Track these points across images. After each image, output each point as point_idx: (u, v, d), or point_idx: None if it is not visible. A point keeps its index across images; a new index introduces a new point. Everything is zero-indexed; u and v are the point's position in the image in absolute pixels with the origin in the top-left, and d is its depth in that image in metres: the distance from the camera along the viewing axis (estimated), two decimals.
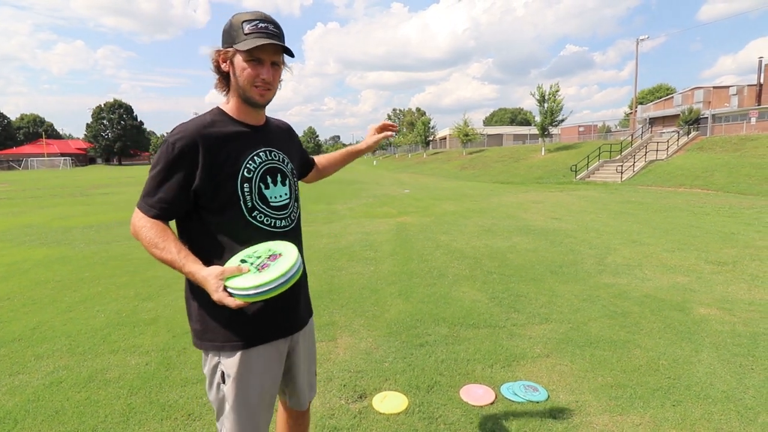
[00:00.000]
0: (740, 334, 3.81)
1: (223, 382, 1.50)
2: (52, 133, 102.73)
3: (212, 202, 1.46)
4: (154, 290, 5.20)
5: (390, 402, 2.81)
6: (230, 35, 1.45)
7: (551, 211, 11.77)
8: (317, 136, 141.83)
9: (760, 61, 35.82)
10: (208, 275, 1.34)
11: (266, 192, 1.53)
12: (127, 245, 7.84)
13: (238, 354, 1.49)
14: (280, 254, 1.39)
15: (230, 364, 1.49)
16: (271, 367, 1.57)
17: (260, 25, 1.43)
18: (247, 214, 1.49)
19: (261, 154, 1.54)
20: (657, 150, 24.51)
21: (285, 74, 1.56)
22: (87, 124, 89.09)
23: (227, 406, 1.51)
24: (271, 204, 1.55)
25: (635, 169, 22.58)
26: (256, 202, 1.51)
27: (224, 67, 1.49)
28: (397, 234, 8.56)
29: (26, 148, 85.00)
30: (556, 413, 2.69)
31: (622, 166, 22.74)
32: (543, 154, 32.13)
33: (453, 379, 3.12)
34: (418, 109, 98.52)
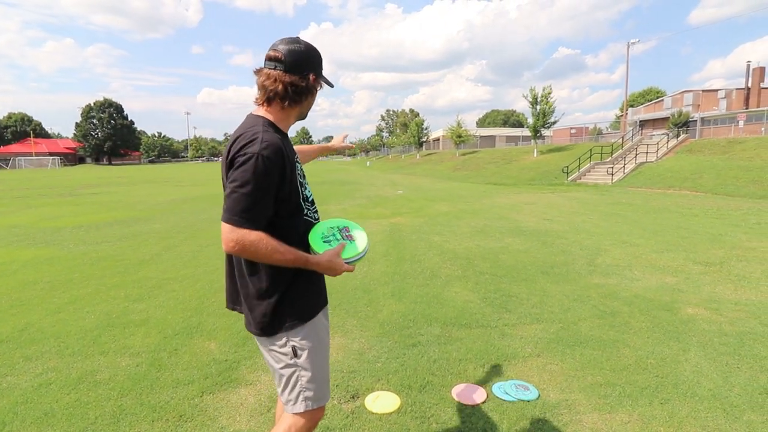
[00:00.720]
0: (727, 333, 3.86)
1: (299, 355, 1.69)
2: (41, 132, 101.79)
3: (288, 206, 1.65)
4: (145, 291, 5.17)
5: (382, 402, 2.83)
6: (320, 65, 1.70)
7: (543, 212, 11.84)
8: (310, 137, 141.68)
9: (748, 65, 36.28)
10: (332, 258, 1.64)
11: (306, 192, 1.77)
12: (117, 245, 7.80)
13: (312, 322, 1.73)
14: (346, 227, 1.80)
15: (308, 332, 1.71)
16: (327, 327, 1.86)
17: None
18: (304, 214, 1.74)
19: (297, 159, 1.76)
20: (647, 152, 24.74)
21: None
22: (76, 123, 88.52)
23: (314, 369, 1.71)
24: (310, 200, 1.81)
25: (626, 171, 22.77)
26: (304, 202, 1.75)
27: (314, 90, 1.72)
28: (390, 235, 8.58)
29: (14, 148, 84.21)
30: (546, 412, 2.72)
31: (612, 168, 22.92)
32: (535, 155, 32.31)
33: (445, 378, 3.14)
34: (412, 110, 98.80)
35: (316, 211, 1.88)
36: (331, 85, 1.76)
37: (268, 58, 1.64)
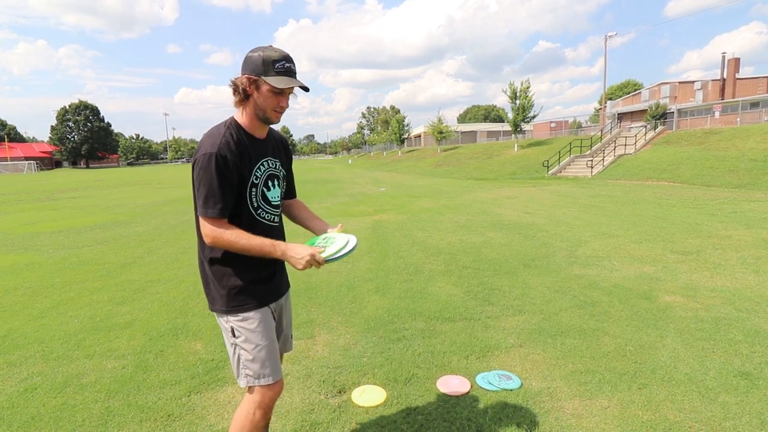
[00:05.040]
0: (702, 319, 3.98)
1: (237, 335, 1.88)
2: (15, 137, 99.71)
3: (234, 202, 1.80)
4: (129, 294, 5.15)
5: (369, 395, 2.87)
6: (260, 67, 1.72)
7: (524, 206, 11.99)
8: (291, 136, 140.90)
9: (723, 57, 37.00)
10: (296, 247, 1.77)
11: (268, 194, 1.91)
12: (98, 249, 7.72)
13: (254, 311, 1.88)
14: (334, 239, 1.88)
15: (245, 319, 1.87)
16: (271, 318, 1.98)
17: (286, 65, 1.73)
18: (253, 212, 1.86)
19: (265, 163, 1.89)
20: (625, 144, 25.14)
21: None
22: (52, 126, 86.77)
23: (251, 349, 1.86)
24: (272, 203, 1.94)
25: (605, 164, 23.12)
26: (260, 202, 1.88)
27: (249, 90, 1.75)
28: (374, 232, 8.62)
29: None
30: (529, 400, 2.79)
31: (592, 160, 23.26)
32: (516, 150, 32.61)
33: (430, 371, 3.19)
34: (393, 107, 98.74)
35: (278, 215, 2.01)
36: (282, 88, 1.74)
37: None
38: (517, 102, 33.32)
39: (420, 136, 66.46)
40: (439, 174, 30.82)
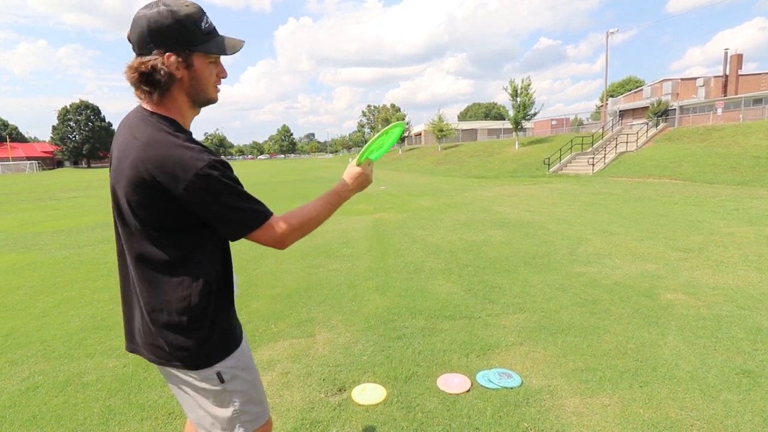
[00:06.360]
0: (704, 317, 3.98)
1: (225, 379, 1.43)
2: (17, 137, 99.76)
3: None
4: None
5: (369, 394, 2.87)
6: (183, 36, 1.26)
7: (525, 204, 11.97)
8: (291, 134, 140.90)
9: (726, 53, 36.83)
10: (356, 171, 1.56)
11: None
12: (99, 249, 7.72)
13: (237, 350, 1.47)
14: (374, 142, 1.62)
15: (233, 362, 1.44)
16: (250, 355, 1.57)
17: (210, 21, 1.33)
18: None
19: None
20: (627, 142, 25.09)
21: (259, 70, 1.47)
22: (53, 126, 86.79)
23: (241, 398, 1.45)
24: None
25: (606, 161, 23.07)
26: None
27: (178, 72, 1.29)
28: (374, 230, 8.62)
29: None
30: (529, 398, 2.79)
31: (593, 158, 23.20)
32: (517, 148, 32.55)
33: (430, 369, 3.19)
34: (393, 105, 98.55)
35: None
36: (224, 53, 1.34)
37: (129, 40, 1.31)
38: (518, 99, 33.25)
39: (420, 134, 66.43)
40: (439, 172, 30.79)
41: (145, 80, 1.26)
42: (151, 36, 1.25)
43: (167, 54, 1.25)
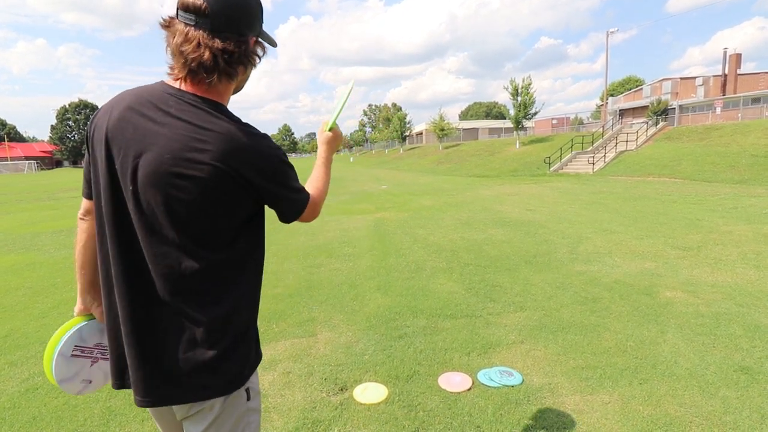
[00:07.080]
0: (703, 314, 3.98)
1: (251, 398, 1.31)
2: (16, 136, 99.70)
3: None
4: None
5: (370, 393, 2.88)
6: (261, 22, 1.23)
7: (526, 203, 11.98)
8: (292, 134, 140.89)
9: (725, 52, 36.85)
10: (330, 136, 1.54)
11: None
12: None
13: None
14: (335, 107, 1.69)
15: (255, 377, 1.35)
16: None
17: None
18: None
19: None
20: (627, 141, 25.11)
21: (259, 69, 1.42)
22: (52, 125, 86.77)
23: (256, 420, 1.34)
24: None
25: (606, 160, 23.08)
26: None
27: (255, 61, 1.25)
28: (375, 230, 8.63)
29: None
30: (530, 396, 2.79)
31: (593, 157, 23.22)
32: (517, 147, 32.57)
33: (431, 368, 3.20)
34: (394, 105, 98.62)
35: None
36: (274, 44, 1.31)
37: (185, 8, 1.13)
38: (519, 99, 33.25)
39: (422, 133, 66.40)
40: (440, 171, 30.80)
41: (226, 61, 1.14)
42: (247, 17, 1.17)
43: (252, 38, 1.20)
